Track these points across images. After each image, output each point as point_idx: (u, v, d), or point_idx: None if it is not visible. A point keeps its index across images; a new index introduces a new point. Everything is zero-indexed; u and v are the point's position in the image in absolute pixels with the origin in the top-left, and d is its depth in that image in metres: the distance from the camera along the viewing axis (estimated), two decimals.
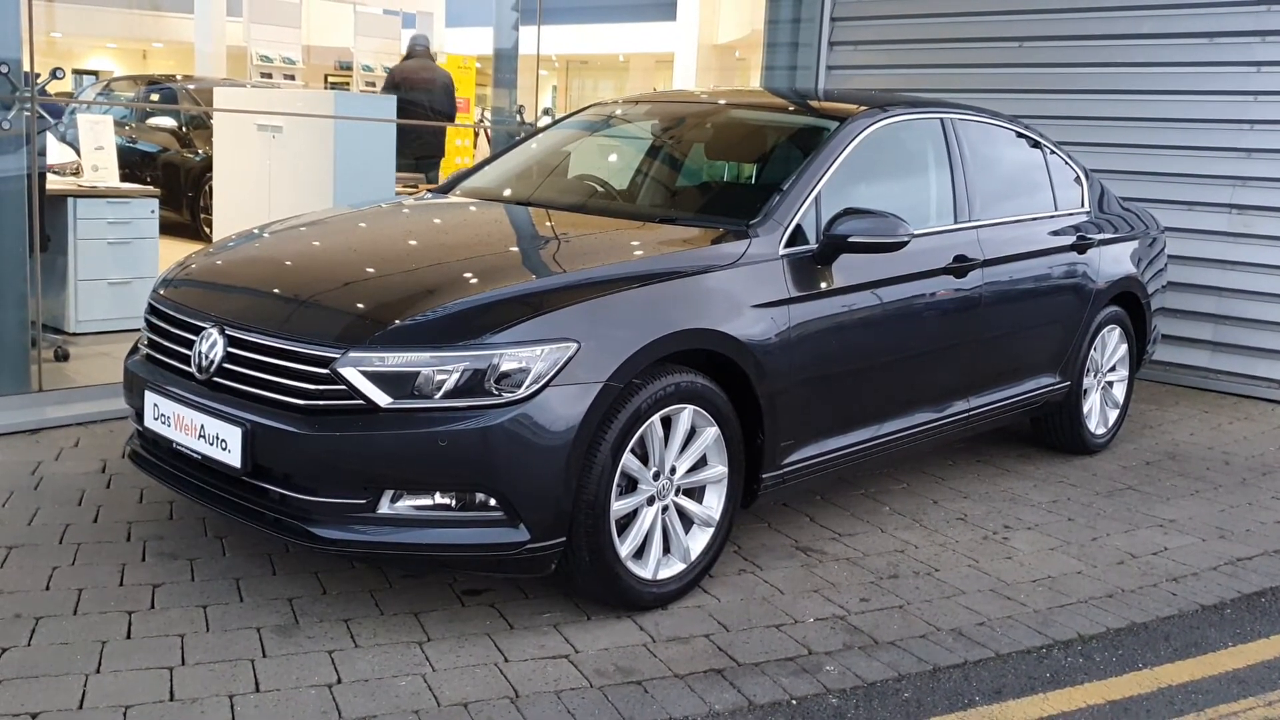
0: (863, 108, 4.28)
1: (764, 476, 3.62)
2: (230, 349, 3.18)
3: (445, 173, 9.84)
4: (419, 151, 9.59)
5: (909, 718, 2.86)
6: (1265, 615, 3.64)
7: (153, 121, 11.56)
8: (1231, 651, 3.35)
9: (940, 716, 2.88)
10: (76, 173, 6.99)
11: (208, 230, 10.52)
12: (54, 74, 4.99)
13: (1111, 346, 5.38)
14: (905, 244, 3.78)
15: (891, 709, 2.90)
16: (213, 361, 3.20)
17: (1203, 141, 6.82)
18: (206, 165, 10.67)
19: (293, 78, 17.13)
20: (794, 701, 2.90)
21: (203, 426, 3.17)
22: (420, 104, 9.60)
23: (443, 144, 10.31)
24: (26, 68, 4.84)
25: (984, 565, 3.90)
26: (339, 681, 2.83)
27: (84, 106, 10.71)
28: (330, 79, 20.22)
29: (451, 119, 10.21)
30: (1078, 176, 5.33)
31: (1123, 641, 3.37)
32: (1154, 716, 2.94)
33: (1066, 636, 3.38)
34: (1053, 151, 5.22)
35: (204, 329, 3.27)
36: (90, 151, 6.93)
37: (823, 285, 3.74)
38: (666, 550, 3.38)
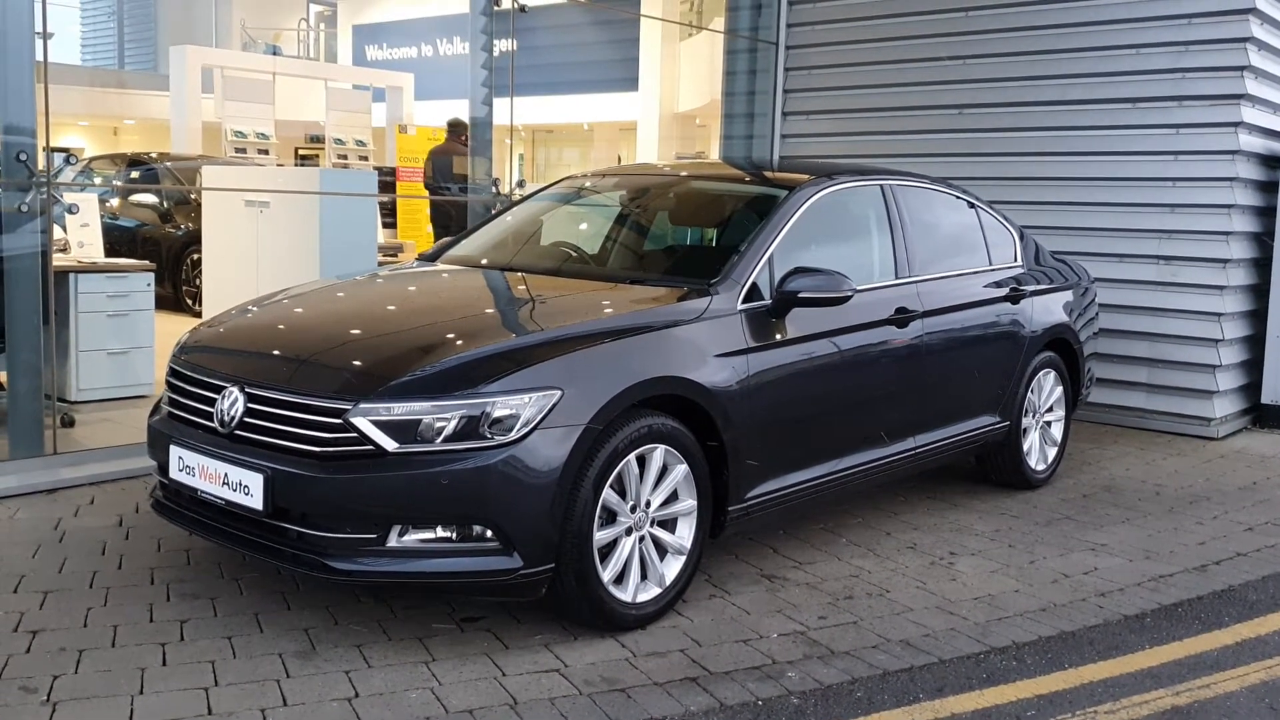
0: (809, 177, 4.76)
1: (730, 509, 4.02)
2: (250, 404, 3.57)
3: None
4: (449, 222, 10.54)
5: (861, 713, 3.25)
6: (1180, 622, 4.06)
7: (135, 198, 11.92)
8: (1148, 652, 3.77)
9: (889, 711, 3.27)
10: (64, 249, 7.33)
11: (190, 303, 10.87)
12: (67, 160, 5.39)
13: (1047, 389, 5.84)
14: (849, 298, 4.23)
15: (846, 706, 3.28)
16: (234, 417, 3.58)
17: (1130, 198, 7.35)
18: (188, 240, 11.04)
19: (266, 152, 17.62)
20: (760, 702, 3.28)
21: (226, 475, 3.54)
22: (430, 178, 10.55)
23: (464, 215, 11.20)
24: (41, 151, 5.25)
25: (930, 586, 4.31)
26: (357, 696, 3.19)
27: (72, 185, 11.08)
28: (300, 152, 20.72)
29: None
30: (1010, 234, 5.83)
31: (1052, 647, 3.78)
32: (1076, 706, 3.34)
33: (1003, 644, 3.78)
34: (986, 212, 5.73)
35: (225, 388, 3.66)
36: (76, 229, 7.27)
37: (777, 336, 4.18)
38: (644, 576, 3.77)
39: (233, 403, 3.61)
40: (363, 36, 28.51)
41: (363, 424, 3.35)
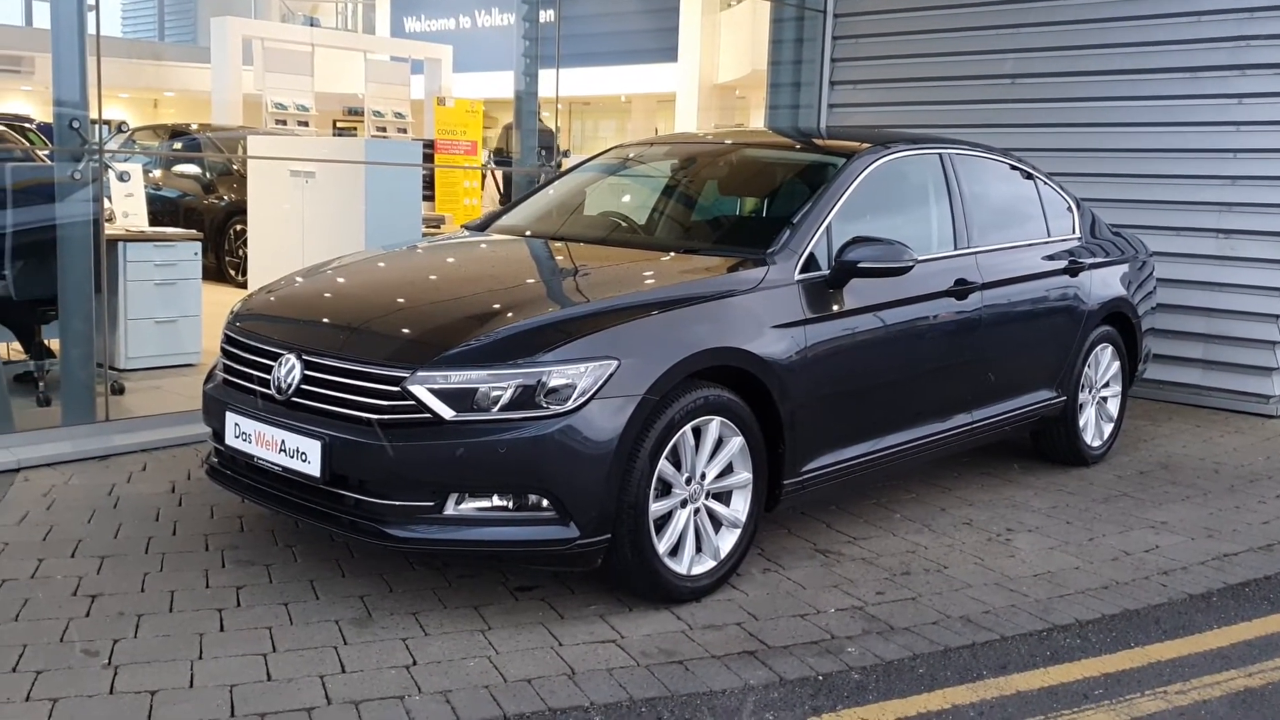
0: (867, 145, 4.66)
1: (785, 483, 3.96)
2: (307, 372, 3.55)
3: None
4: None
5: (924, 689, 3.20)
6: (1249, 602, 3.97)
7: (178, 169, 11.95)
8: (1216, 632, 3.69)
9: (952, 687, 3.21)
10: (109, 219, 7.33)
11: (233, 273, 10.91)
12: (119, 128, 5.39)
13: (1105, 363, 5.73)
14: (910, 268, 4.15)
15: (908, 682, 3.23)
16: (291, 384, 3.56)
17: (1189, 170, 7.19)
18: (231, 211, 11.07)
19: (306, 124, 17.62)
20: (820, 677, 3.23)
21: (283, 441, 3.52)
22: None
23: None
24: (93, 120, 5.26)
25: (989, 563, 4.24)
26: (415, 663, 3.17)
27: (115, 155, 11.11)
28: (338, 124, 20.72)
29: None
30: (1068, 205, 5.70)
31: (1117, 625, 3.71)
32: (1144, 686, 3.27)
33: (1065, 621, 3.71)
34: (1044, 182, 5.61)
35: (283, 355, 3.63)
36: (121, 199, 7.28)
37: (835, 308, 4.10)
38: (699, 549, 3.72)
39: (290, 369, 3.59)
40: (401, 8, 28.43)
41: (420, 392, 3.32)
